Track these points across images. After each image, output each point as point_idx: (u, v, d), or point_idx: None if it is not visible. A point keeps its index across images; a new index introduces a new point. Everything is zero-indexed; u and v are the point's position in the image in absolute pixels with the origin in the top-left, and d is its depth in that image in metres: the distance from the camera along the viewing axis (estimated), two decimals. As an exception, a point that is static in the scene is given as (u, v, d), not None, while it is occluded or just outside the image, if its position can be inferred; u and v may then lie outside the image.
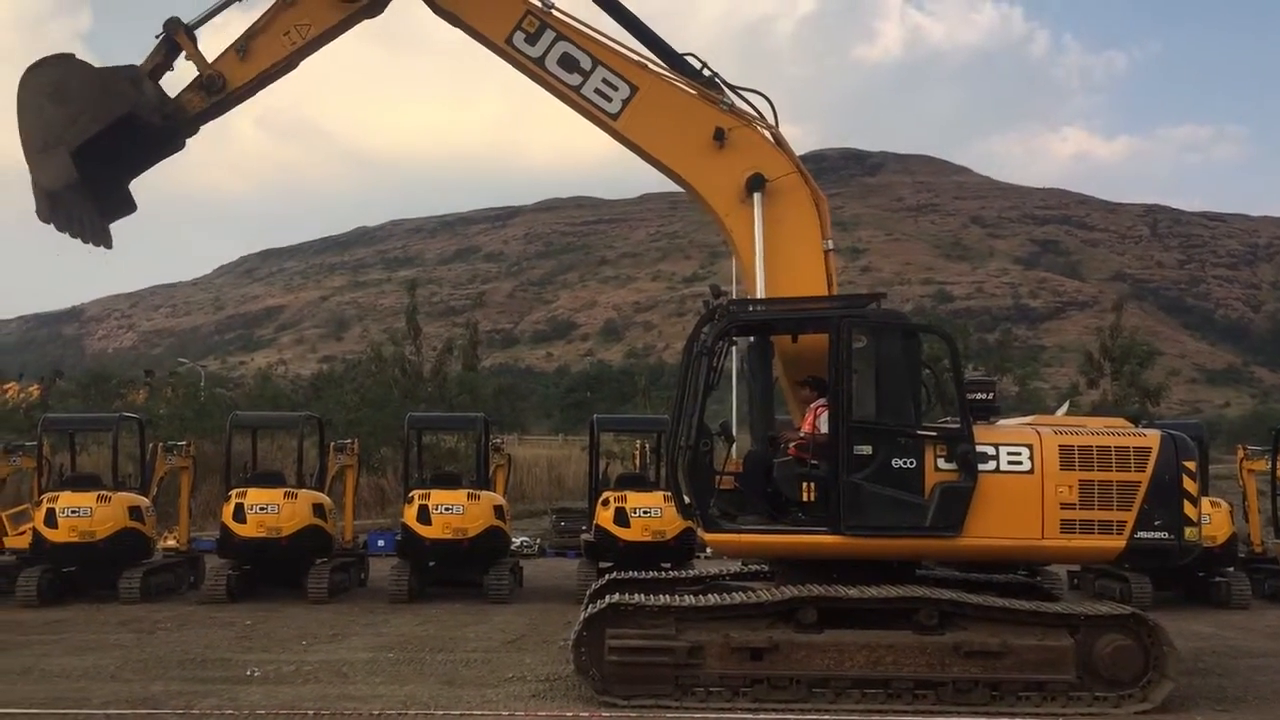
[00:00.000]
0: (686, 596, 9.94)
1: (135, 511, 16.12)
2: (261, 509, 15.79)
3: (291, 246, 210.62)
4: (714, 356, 9.97)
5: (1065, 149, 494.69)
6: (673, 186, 12.01)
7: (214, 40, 11.56)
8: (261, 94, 11.73)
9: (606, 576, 11.71)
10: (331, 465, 18.39)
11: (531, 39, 11.18)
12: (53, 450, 18.87)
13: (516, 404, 54.66)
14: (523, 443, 42.02)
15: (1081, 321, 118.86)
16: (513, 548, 18.58)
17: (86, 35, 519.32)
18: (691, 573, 12.36)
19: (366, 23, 11.83)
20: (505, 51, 11.33)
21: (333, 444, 18.75)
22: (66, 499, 15.61)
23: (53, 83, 11.11)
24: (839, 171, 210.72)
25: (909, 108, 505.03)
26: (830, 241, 11.01)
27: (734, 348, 11.63)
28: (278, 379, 47.75)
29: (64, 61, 11.36)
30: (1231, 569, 16.04)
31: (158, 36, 11.41)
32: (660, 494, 15.62)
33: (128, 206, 12.07)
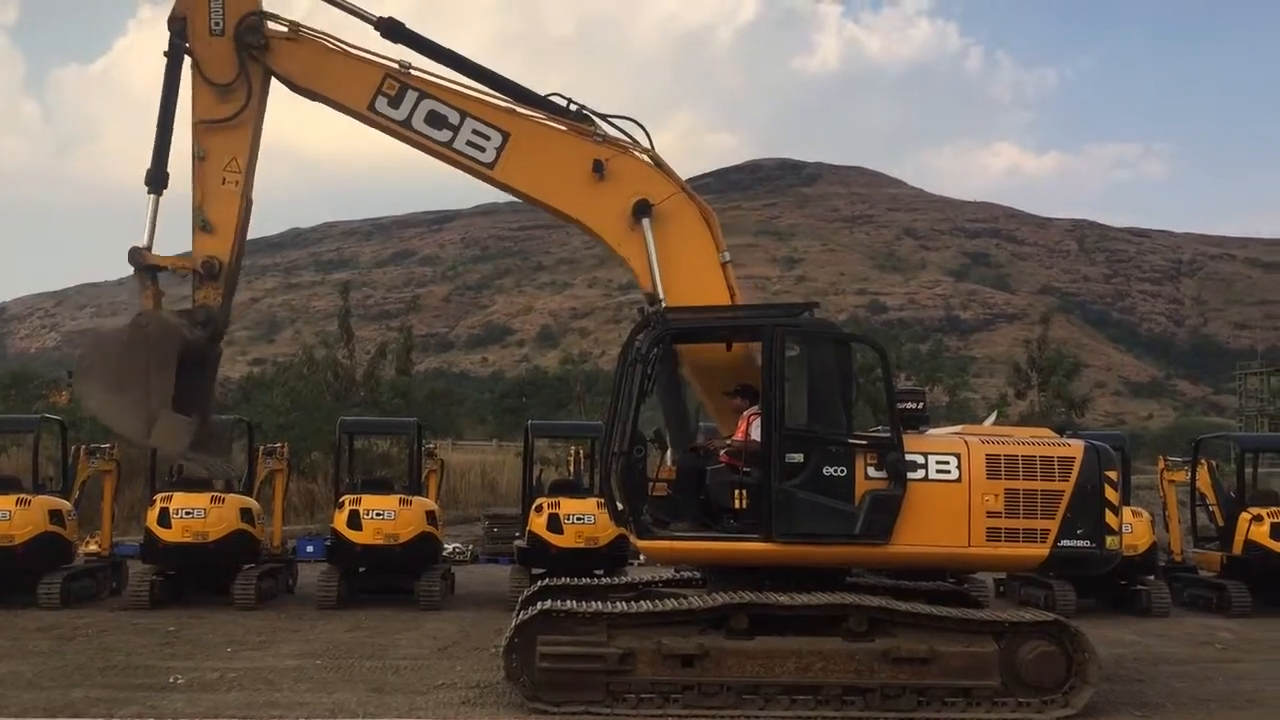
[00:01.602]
0: (618, 603, 9.95)
1: (56, 515, 15.75)
2: (187, 513, 15.50)
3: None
4: (648, 364, 9.99)
5: (997, 164, 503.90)
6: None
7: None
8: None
9: (539, 583, 11.68)
10: (260, 469, 18.12)
11: (394, 102, 10.97)
12: (-29, 452, 18.39)
13: (450, 409, 54.12)
14: (456, 448, 41.67)
15: (1010, 333, 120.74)
16: (445, 554, 18.45)
17: (12, 28, 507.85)
18: (624, 579, 12.37)
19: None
20: (369, 119, 11.06)
21: (262, 448, 18.48)
22: (-16, 502, 15.21)
23: (104, 376, 10.65)
24: (775, 181, 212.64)
25: (845, 120, 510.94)
26: (726, 254, 11.03)
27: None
28: (206, 381, 46.83)
29: (93, 353, 10.96)
30: (1152, 577, 16.39)
31: (136, 273, 11.09)
32: (594, 500, 15.62)
33: (219, 440, 12.00)
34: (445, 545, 18.82)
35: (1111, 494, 9.88)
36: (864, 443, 9.76)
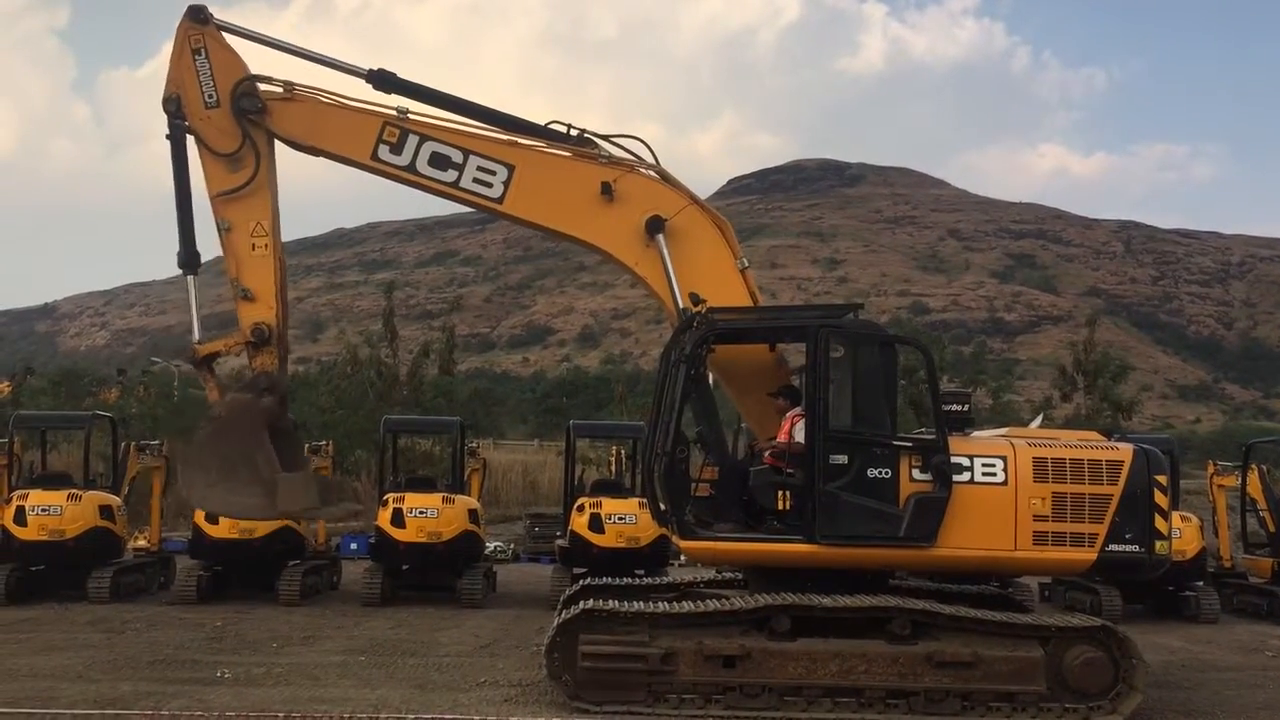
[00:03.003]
0: (660, 603, 9.95)
1: (106, 511, 16.00)
2: (234, 510, 15.67)
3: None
4: (692, 364, 9.96)
5: (1043, 164, 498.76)
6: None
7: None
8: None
9: (580, 582, 11.70)
10: (306, 467, 18.27)
11: (396, 148, 10.96)
12: (23, 448, 18.69)
13: (492, 408, 54.51)
14: (498, 447, 41.90)
15: (1055, 335, 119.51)
16: (487, 552, 18.54)
17: (64, 31, 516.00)
18: (665, 579, 12.37)
19: (345, 25, 11.77)
20: (374, 168, 11.06)
21: (307, 446, 18.61)
22: (36, 497, 15.48)
23: (208, 476, 10.83)
24: (817, 182, 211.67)
25: (889, 120, 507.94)
26: (744, 260, 10.97)
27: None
28: (252, 379, 47.28)
29: (187, 462, 11.26)
30: (1200, 583, 16.19)
31: (195, 367, 11.30)
32: (635, 500, 15.64)
33: (338, 488, 12.38)
34: (487, 544, 18.92)
35: (1161, 499, 9.76)
36: (909, 444, 9.71)
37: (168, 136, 11.06)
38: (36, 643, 12.29)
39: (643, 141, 11.16)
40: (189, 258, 11.30)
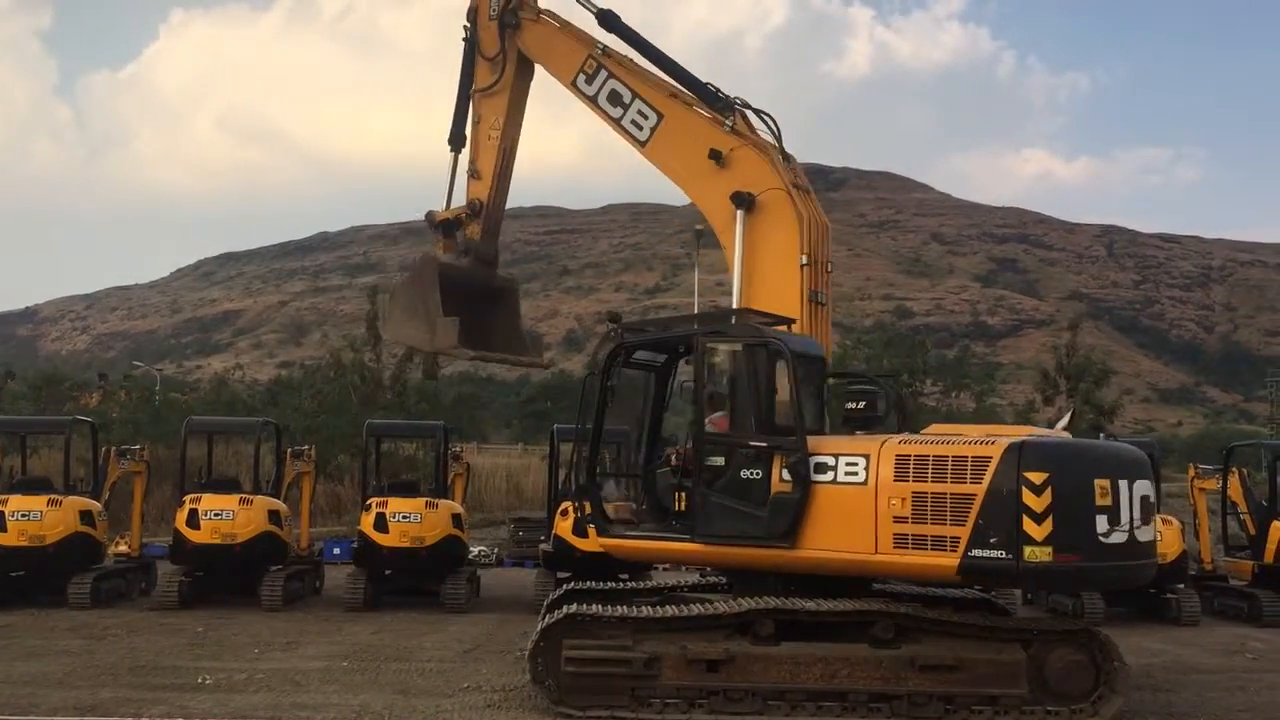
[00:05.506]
0: (644, 608, 9.95)
1: (86, 516, 15.92)
2: (216, 515, 15.63)
3: (251, 250, 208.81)
4: (605, 376, 10.35)
5: (1027, 168, 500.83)
6: (636, 197, 12.55)
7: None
8: (223, 93, 12.17)
9: (564, 587, 11.70)
10: (288, 471, 18.22)
11: (589, 79, 12.89)
12: (3, 453, 18.59)
13: (476, 413, 54.45)
14: (482, 452, 41.89)
15: (1038, 339, 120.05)
16: (470, 557, 18.50)
17: (46, 34, 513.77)
18: (649, 584, 12.37)
19: (330, 28, 12.49)
20: (571, 90, 12.95)
21: (289, 450, 18.58)
22: (17, 503, 15.40)
23: (397, 314, 13.72)
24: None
25: (874, 124, 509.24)
26: (805, 257, 11.28)
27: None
28: (235, 384, 47.34)
29: (395, 292, 14.51)
30: (1182, 586, 16.23)
31: (431, 228, 13.91)
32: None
33: (519, 344, 14.22)
34: (471, 548, 18.87)
35: (1032, 499, 8.72)
36: (765, 445, 9.68)
37: (464, 40, 13.76)
38: (16, 649, 12.22)
39: (772, 120, 12.17)
40: (456, 136, 13.92)
